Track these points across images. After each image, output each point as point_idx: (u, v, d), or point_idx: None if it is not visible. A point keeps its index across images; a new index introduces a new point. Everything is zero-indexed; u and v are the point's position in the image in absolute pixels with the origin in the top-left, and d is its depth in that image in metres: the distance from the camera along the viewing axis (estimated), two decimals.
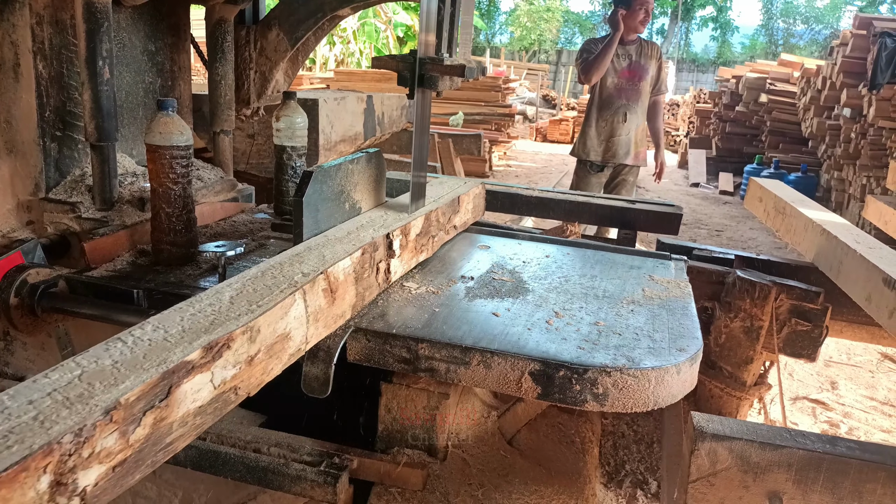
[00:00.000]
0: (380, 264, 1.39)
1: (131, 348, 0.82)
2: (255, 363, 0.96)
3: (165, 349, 0.82)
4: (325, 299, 1.17)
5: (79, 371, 0.76)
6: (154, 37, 2.35)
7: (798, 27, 33.50)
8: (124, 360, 0.79)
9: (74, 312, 1.54)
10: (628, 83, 4.04)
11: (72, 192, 1.96)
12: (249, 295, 1.04)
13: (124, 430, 0.71)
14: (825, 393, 3.07)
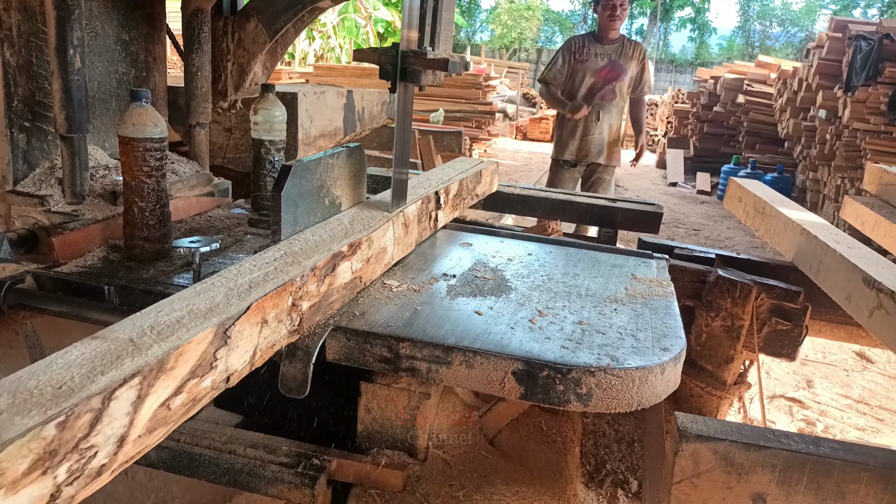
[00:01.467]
0: (432, 213, 1.80)
1: (305, 242, 1.29)
2: (370, 263, 1.44)
3: (327, 243, 1.30)
4: (402, 230, 1.61)
5: (282, 251, 1.24)
6: (128, 26, 2.29)
7: (774, 29, 33.99)
8: (306, 248, 1.26)
9: (42, 309, 1.48)
10: (604, 83, 4.00)
11: (41, 184, 1.90)
12: (361, 221, 1.49)
13: (317, 283, 1.19)
14: (801, 391, 3.10)
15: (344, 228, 1.42)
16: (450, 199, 1.92)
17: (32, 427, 0.62)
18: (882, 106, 6.30)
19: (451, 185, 1.92)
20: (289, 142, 2.68)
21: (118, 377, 0.73)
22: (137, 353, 0.79)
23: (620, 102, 4.05)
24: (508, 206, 2.60)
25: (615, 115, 4.06)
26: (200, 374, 0.88)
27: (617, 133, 4.12)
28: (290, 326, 1.12)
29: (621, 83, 4.00)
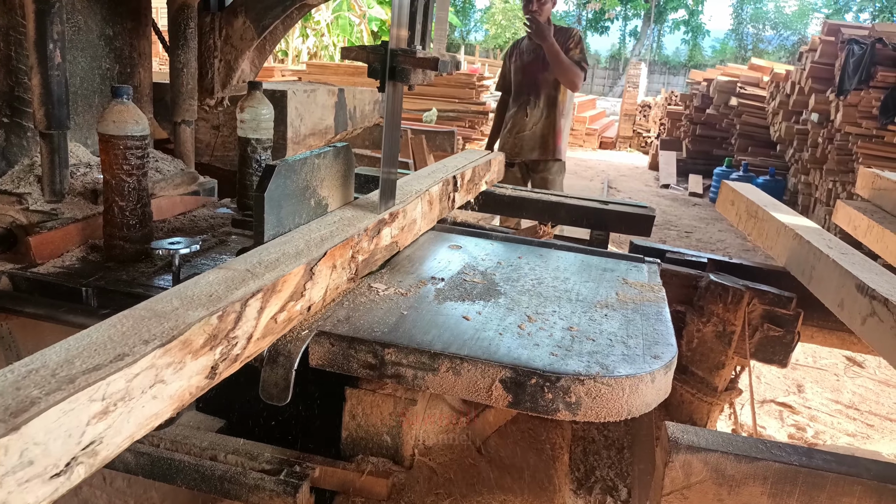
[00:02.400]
0: (450, 194, 2.04)
1: (354, 210, 1.52)
2: (404, 231, 1.67)
3: (373, 211, 1.53)
4: (428, 207, 1.85)
5: (338, 217, 1.49)
6: (112, 21, 2.24)
7: (767, 32, 34.15)
8: (356, 216, 1.50)
9: (18, 311, 1.44)
10: (529, 77, 3.86)
11: (19, 182, 1.85)
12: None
13: (367, 241, 1.45)
14: (792, 396, 3.09)
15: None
16: (465, 183, 2.18)
17: (203, 316, 0.91)
18: (874, 110, 6.32)
19: (465, 171, 2.18)
20: (278, 141, 2.65)
21: (248, 291, 1.03)
22: (256, 278, 1.09)
23: (550, 94, 3.82)
24: (499, 207, 2.57)
25: (544, 107, 3.85)
26: (296, 298, 1.17)
27: (548, 126, 3.87)
28: (349, 274, 1.39)
29: (546, 74, 3.78)
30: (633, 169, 12.12)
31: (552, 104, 3.85)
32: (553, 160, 3.94)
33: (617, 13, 33.89)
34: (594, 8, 33.52)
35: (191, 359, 0.88)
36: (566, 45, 3.70)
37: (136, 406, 0.78)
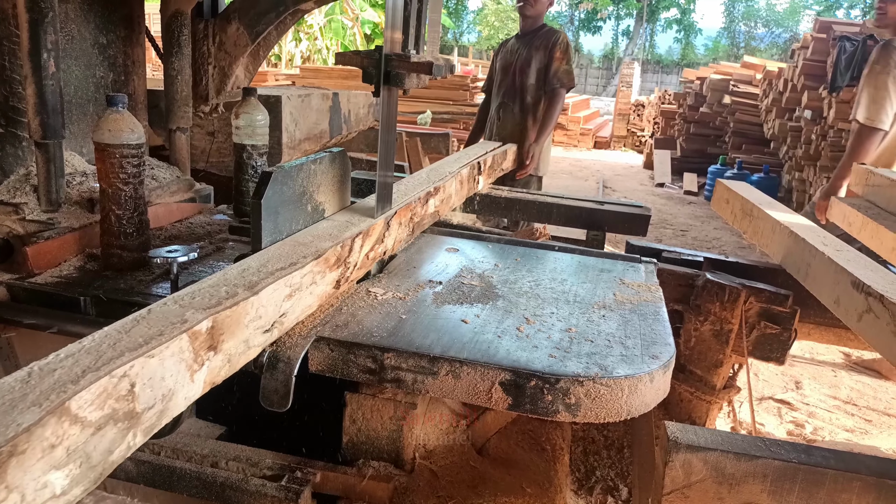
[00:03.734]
0: (475, 177, 2.39)
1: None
2: (442, 204, 1.98)
3: (421, 186, 1.83)
4: (459, 185, 2.16)
5: (396, 194, 1.67)
6: (106, 29, 2.24)
7: (759, 30, 34.28)
8: (409, 188, 1.80)
9: (16, 322, 1.44)
10: (510, 79, 3.58)
11: (15, 192, 1.85)
12: (433, 177, 2.01)
13: (420, 206, 1.74)
14: (790, 393, 3.10)
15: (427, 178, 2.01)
16: (486, 168, 2.56)
17: (332, 245, 1.29)
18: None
19: (487, 158, 2.59)
20: (273, 146, 2.65)
21: (355, 232, 1.39)
22: (354, 226, 1.43)
23: (528, 98, 3.54)
24: (496, 208, 2.58)
25: (517, 112, 3.56)
26: (379, 242, 1.51)
27: (520, 133, 3.54)
28: (408, 231, 1.71)
29: (525, 77, 3.52)
30: (628, 168, 12.14)
31: (528, 110, 3.59)
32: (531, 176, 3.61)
33: (609, 13, 33.98)
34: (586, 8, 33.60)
35: (328, 271, 1.28)
36: (551, 52, 3.48)
37: (303, 295, 1.20)
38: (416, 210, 1.73)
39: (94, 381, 0.72)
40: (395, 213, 1.58)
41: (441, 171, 2.13)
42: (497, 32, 32.31)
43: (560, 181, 9.80)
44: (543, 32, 3.59)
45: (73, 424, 0.69)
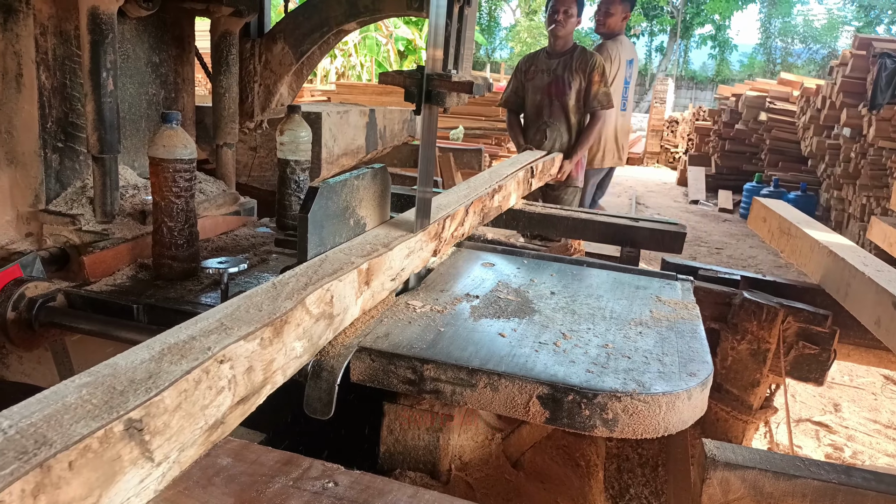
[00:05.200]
0: (529, 179, 2.69)
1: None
2: (505, 199, 2.30)
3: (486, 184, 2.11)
4: (516, 185, 2.43)
5: (467, 187, 2.10)
6: (158, 48, 2.34)
7: (796, 46, 33.75)
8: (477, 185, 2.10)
9: (72, 327, 1.51)
10: (548, 100, 3.71)
11: (72, 204, 1.94)
12: (493, 178, 2.30)
13: (488, 200, 2.06)
14: (828, 415, 3.04)
15: (488, 180, 2.27)
16: (538, 172, 2.86)
17: (434, 221, 1.62)
18: None
19: (538, 164, 2.87)
20: (312, 161, 2.71)
21: (444, 216, 1.69)
22: (443, 210, 1.73)
23: (571, 117, 3.70)
24: (529, 224, 2.60)
25: (563, 132, 3.73)
26: (461, 224, 1.82)
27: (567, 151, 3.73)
28: (479, 221, 2.01)
29: (566, 98, 3.66)
30: (661, 185, 12.04)
31: (570, 130, 3.75)
32: (570, 185, 3.82)
33: (642, 29, 33.84)
34: None
35: (432, 241, 1.63)
36: (590, 76, 3.62)
37: (415, 257, 1.54)
38: (483, 203, 2.02)
39: (314, 290, 1.11)
40: (471, 203, 1.88)
41: (500, 172, 2.46)
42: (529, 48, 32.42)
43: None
44: (578, 54, 3.67)
45: (306, 314, 1.09)
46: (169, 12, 2.34)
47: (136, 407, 0.68)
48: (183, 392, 0.75)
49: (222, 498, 0.87)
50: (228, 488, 0.89)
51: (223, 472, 0.92)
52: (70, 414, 0.65)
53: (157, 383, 0.73)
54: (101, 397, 0.69)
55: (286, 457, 1.00)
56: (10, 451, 0.57)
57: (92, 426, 0.64)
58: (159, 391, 0.72)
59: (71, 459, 0.60)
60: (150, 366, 0.78)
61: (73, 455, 0.60)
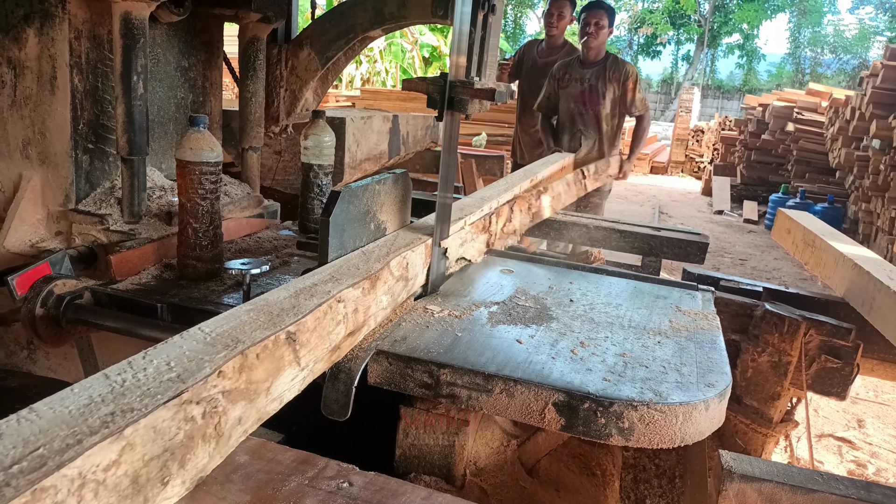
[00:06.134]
0: (581, 181, 2.82)
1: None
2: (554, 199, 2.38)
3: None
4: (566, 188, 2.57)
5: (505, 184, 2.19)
6: (188, 53, 2.39)
7: (826, 56, 33.26)
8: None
9: (98, 325, 1.54)
10: (582, 108, 3.86)
11: (101, 204, 1.98)
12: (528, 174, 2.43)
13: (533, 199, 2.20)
14: (852, 431, 2.99)
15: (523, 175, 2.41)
16: (590, 174, 3.01)
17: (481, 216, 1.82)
18: None
19: (590, 166, 3.09)
20: (335, 165, 2.74)
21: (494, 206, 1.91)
22: (486, 203, 1.87)
23: (603, 125, 3.88)
24: (551, 231, 2.60)
25: (597, 139, 3.91)
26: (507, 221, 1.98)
27: (599, 155, 3.90)
28: (528, 217, 2.17)
29: (600, 107, 3.82)
30: (686, 194, 11.93)
31: (603, 137, 3.93)
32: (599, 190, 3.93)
33: (669, 37, 33.62)
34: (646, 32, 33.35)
35: (482, 233, 1.82)
36: (624, 84, 3.77)
37: (470, 245, 1.76)
38: (529, 202, 2.19)
39: (395, 258, 1.36)
40: (515, 200, 2.07)
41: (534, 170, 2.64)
42: None
43: (615, 206, 9.70)
44: (611, 63, 3.81)
45: (390, 275, 1.33)
46: (199, 18, 2.39)
47: (290, 324, 0.96)
48: (317, 318, 1.03)
49: (239, 495, 0.89)
50: (245, 485, 0.91)
51: (241, 470, 0.94)
52: (248, 326, 0.93)
53: (300, 310, 1.01)
54: (264, 318, 0.97)
55: (302, 456, 1.01)
56: (219, 345, 0.86)
57: (265, 333, 0.91)
58: (304, 315, 1.00)
59: (257, 353, 0.88)
60: (292, 300, 1.06)
61: (258, 350, 0.88)
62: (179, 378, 0.75)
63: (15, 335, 2.03)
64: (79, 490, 0.57)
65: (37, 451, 0.57)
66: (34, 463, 0.56)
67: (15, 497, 0.51)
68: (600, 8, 3.77)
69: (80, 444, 0.59)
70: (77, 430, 0.61)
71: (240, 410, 0.83)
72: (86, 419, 0.64)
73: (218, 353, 0.82)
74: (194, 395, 0.74)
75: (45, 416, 0.64)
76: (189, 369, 0.77)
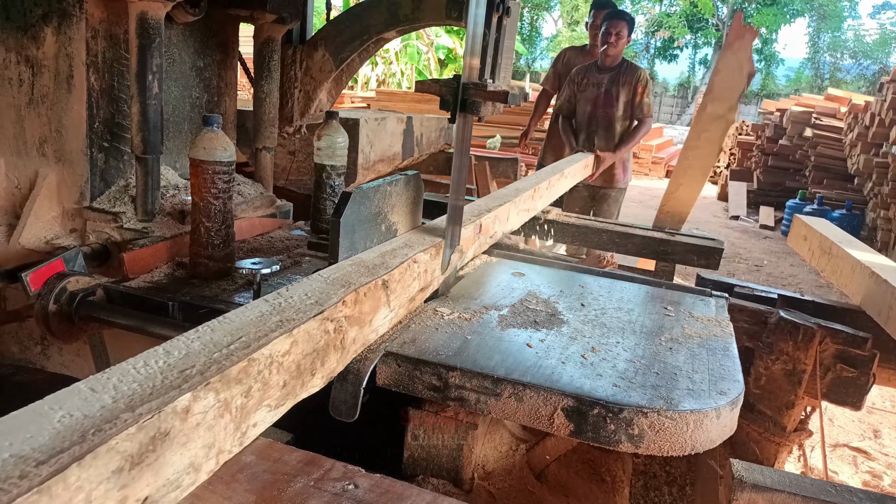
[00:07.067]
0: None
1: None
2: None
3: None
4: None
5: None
6: (203, 53, 2.40)
7: (845, 61, 32.89)
8: (539, 181, 2.38)
9: (110, 322, 1.55)
10: (598, 111, 4.10)
11: (115, 202, 2.00)
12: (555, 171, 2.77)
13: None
14: (867, 441, 2.94)
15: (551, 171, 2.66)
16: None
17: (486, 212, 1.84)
18: None
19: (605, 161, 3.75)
20: (349, 166, 2.75)
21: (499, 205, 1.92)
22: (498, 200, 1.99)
23: (617, 126, 4.10)
24: (563, 235, 2.59)
25: (611, 139, 4.12)
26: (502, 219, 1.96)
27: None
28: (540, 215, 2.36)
29: (613, 109, 4.07)
30: (701, 199, 11.76)
31: (616, 137, 4.12)
32: (616, 187, 4.29)
33: (686, 41, 33.42)
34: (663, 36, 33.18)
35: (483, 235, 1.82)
36: (635, 88, 4.01)
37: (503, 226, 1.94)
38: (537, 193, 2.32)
39: (466, 226, 1.61)
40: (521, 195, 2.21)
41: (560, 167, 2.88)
42: None
43: (630, 210, 9.64)
44: (625, 68, 4.06)
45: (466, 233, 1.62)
46: (214, 18, 2.41)
47: (384, 274, 1.22)
48: (401, 272, 1.29)
49: (244, 495, 0.88)
50: (251, 485, 0.91)
51: (247, 470, 0.94)
52: (354, 274, 1.20)
53: (388, 266, 1.27)
54: (364, 269, 1.23)
55: (308, 457, 1.01)
56: (337, 285, 1.13)
57: (368, 279, 1.18)
58: (392, 269, 1.26)
59: (364, 292, 1.15)
60: (380, 258, 1.32)
61: (365, 290, 1.15)
62: (318, 303, 1.02)
63: (29, 331, 2.05)
64: (268, 366, 0.85)
65: (241, 339, 0.85)
66: (242, 344, 0.83)
67: (238, 362, 0.78)
68: (622, 19, 4.04)
69: (267, 336, 0.87)
70: (261, 328, 0.89)
71: (354, 332, 1.11)
72: (265, 322, 0.91)
73: (338, 290, 1.10)
74: (329, 315, 1.01)
75: (236, 320, 0.91)
76: (321, 299, 1.04)
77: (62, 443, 0.57)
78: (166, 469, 0.66)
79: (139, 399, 0.67)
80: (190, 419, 0.69)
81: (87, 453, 0.57)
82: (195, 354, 0.79)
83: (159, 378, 0.72)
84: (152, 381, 0.71)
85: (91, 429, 0.60)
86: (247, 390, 0.79)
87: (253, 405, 0.81)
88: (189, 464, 0.70)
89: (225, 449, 0.77)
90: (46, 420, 0.61)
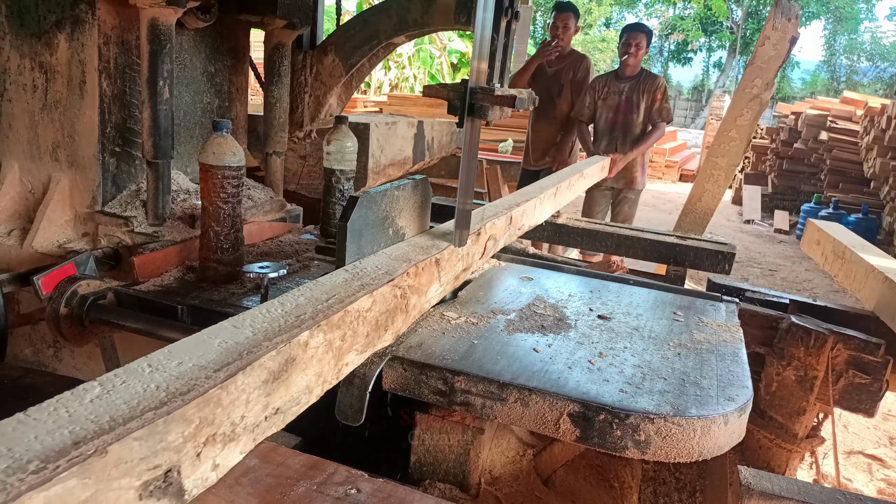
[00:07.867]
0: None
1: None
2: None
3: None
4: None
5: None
6: (214, 58, 2.42)
7: (862, 64, 32.54)
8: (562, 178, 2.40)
9: (120, 325, 1.57)
10: (619, 117, 4.35)
11: (126, 206, 2.01)
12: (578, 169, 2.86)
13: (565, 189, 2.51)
14: (882, 448, 2.90)
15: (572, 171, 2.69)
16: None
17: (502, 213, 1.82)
18: None
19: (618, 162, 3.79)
20: (359, 170, 2.76)
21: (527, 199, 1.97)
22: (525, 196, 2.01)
23: (636, 131, 4.33)
24: (573, 239, 2.58)
25: (630, 144, 4.35)
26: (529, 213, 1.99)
27: (634, 161, 4.39)
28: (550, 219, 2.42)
29: (634, 115, 4.33)
30: None
31: (635, 142, 4.32)
32: (633, 189, 4.50)
33: (700, 44, 33.23)
34: (677, 39, 33.02)
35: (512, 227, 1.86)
36: (654, 94, 4.26)
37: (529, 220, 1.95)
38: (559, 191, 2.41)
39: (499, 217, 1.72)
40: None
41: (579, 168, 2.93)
42: None
43: (642, 213, 9.57)
44: (645, 77, 4.33)
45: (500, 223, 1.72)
46: (225, 24, 2.43)
47: (436, 254, 1.40)
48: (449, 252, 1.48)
49: (247, 498, 0.89)
50: (254, 489, 0.91)
51: (250, 473, 0.94)
52: (412, 253, 1.39)
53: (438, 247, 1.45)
54: (419, 249, 1.42)
55: (312, 461, 1.01)
56: (399, 260, 1.32)
57: (424, 256, 1.36)
58: (442, 250, 1.44)
59: (422, 266, 1.33)
60: (430, 241, 1.51)
61: (422, 265, 1.33)
62: (388, 273, 1.21)
63: (42, 333, 2.07)
64: (357, 318, 1.04)
65: (335, 296, 1.05)
66: (336, 300, 1.03)
67: (336, 313, 0.97)
68: (642, 31, 4.30)
69: (354, 295, 1.06)
70: (347, 290, 1.08)
71: (414, 300, 1.28)
72: (349, 286, 1.11)
73: (401, 264, 1.28)
74: (398, 283, 1.20)
75: (327, 283, 1.12)
76: (390, 270, 1.23)
77: (227, 358, 0.78)
78: (292, 387, 0.86)
79: (273, 333, 0.87)
80: (308, 351, 0.89)
81: (247, 365, 0.77)
82: (303, 306, 0.99)
83: (282, 321, 0.92)
84: (278, 322, 0.91)
85: (244, 350, 0.80)
86: (343, 335, 0.99)
87: (346, 347, 1.02)
88: (305, 386, 0.90)
89: (328, 380, 0.97)
90: (208, 345, 0.81)
